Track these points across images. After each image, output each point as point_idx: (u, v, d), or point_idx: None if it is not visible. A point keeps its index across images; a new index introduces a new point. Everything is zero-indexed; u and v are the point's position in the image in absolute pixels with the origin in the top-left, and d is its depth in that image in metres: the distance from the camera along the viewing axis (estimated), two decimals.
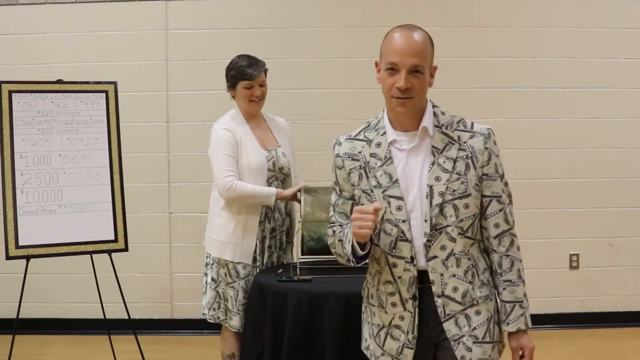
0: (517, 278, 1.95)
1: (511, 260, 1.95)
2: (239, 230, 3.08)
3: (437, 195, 1.88)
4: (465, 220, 1.91)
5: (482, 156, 1.91)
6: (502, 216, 1.94)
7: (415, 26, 1.96)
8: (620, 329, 4.67)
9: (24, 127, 3.46)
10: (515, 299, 1.95)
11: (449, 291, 1.92)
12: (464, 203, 1.89)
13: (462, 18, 4.64)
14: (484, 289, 1.95)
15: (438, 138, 1.92)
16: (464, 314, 1.93)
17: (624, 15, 4.69)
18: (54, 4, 4.65)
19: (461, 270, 1.92)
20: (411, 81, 1.87)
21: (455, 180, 1.89)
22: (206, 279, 3.21)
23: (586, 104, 4.71)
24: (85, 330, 4.65)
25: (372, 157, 1.96)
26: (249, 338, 2.84)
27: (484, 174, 1.92)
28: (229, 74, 3.17)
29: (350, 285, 2.66)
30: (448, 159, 1.90)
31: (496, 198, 1.93)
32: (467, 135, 1.92)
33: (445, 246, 1.90)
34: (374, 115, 2.12)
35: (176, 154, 4.72)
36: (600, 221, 4.74)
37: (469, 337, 1.93)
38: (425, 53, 1.89)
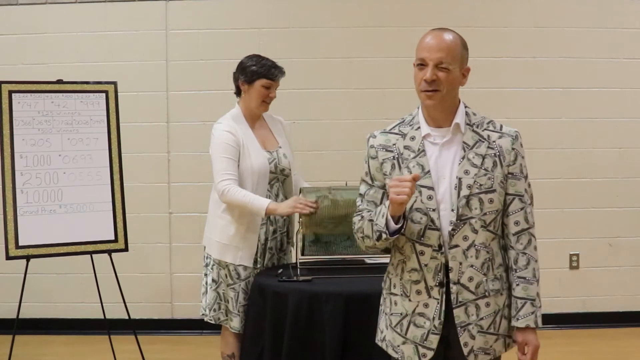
0: (531, 276, 2.03)
1: (527, 259, 2.03)
2: (240, 233, 3.06)
3: (465, 187, 1.99)
4: (488, 214, 2.01)
5: (509, 156, 2.03)
6: (523, 215, 2.04)
7: (448, 29, 2.07)
8: (620, 329, 4.67)
9: (24, 127, 3.46)
10: (527, 296, 2.02)
11: (465, 280, 2.01)
12: (489, 198, 2.00)
13: (462, 18, 4.63)
14: (496, 283, 2.04)
15: (469, 135, 2.04)
16: (474, 303, 2.02)
17: (624, 15, 4.69)
18: (54, 4, 4.65)
19: (479, 262, 2.01)
20: (437, 74, 1.99)
21: (483, 175, 2.00)
22: (206, 279, 3.20)
23: (586, 104, 4.72)
24: (85, 330, 4.65)
25: (405, 149, 2.07)
26: (249, 338, 2.84)
27: (510, 173, 2.03)
28: (248, 68, 3.11)
29: (350, 285, 2.66)
30: (477, 155, 2.01)
31: (519, 197, 2.04)
32: (496, 135, 2.05)
33: (468, 237, 2.00)
34: (373, 115, 2.16)
35: (176, 154, 4.72)
36: (600, 221, 4.74)
37: (474, 326, 2.02)
38: (453, 51, 2.01)
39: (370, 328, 2.52)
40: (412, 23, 4.66)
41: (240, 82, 3.15)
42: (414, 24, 4.66)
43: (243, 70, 3.13)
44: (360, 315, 2.53)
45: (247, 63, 3.14)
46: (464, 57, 2.05)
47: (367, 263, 3.09)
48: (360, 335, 2.52)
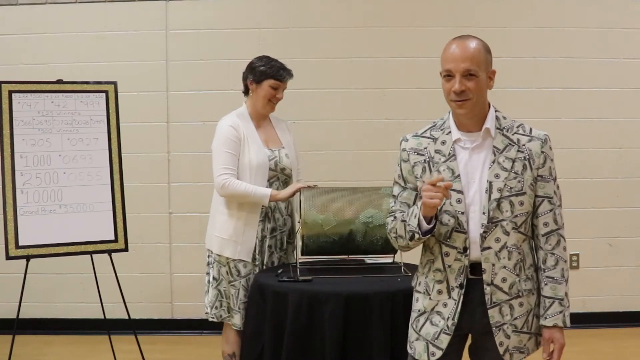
0: (560, 276, 2.08)
1: (556, 259, 2.09)
2: (239, 227, 3.09)
3: (495, 191, 2.05)
4: (519, 217, 2.06)
5: (539, 159, 2.08)
6: (552, 216, 2.10)
7: (470, 36, 2.11)
8: (620, 329, 4.67)
9: (24, 127, 3.46)
10: (555, 296, 2.07)
11: (498, 281, 2.07)
12: (519, 200, 2.06)
13: (462, 18, 4.63)
14: (528, 282, 2.10)
15: (499, 139, 2.09)
16: (508, 303, 2.08)
17: (624, 15, 4.69)
18: (54, 4, 4.65)
19: (511, 263, 2.07)
20: (466, 84, 2.03)
21: (513, 178, 2.05)
22: (208, 277, 3.21)
23: (586, 104, 4.72)
24: (85, 330, 4.65)
25: (436, 153, 2.13)
26: (249, 338, 2.84)
27: (539, 176, 2.09)
28: (257, 69, 3.14)
29: (351, 285, 2.66)
30: (507, 159, 2.07)
31: (548, 199, 2.10)
32: (525, 138, 2.10)
33: (500, 239, 2.06)
34: (373, 115, 2.17)
35: (176, 154, 4.72)
36: (600, 221, 4.74)
37: (509, 326, 2.08)
38: (478, 58, 2.05)
39: (370, 328, 2.52)
40: (412, 23, 4.66)
41: (248, 82, 3.18)
42: (414, 24, 4.67)
43: (252, 70, 3.17)
44: (360, 315, 2.53)
45: (257, 63, 3.17)
46: (488, 61, 2.10)
47: (367, 263, 3.09)
48: (360, 336, 2.52)
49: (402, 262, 2.95)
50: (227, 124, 3.12)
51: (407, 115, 4.58)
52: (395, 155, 2.26)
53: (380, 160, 4.45)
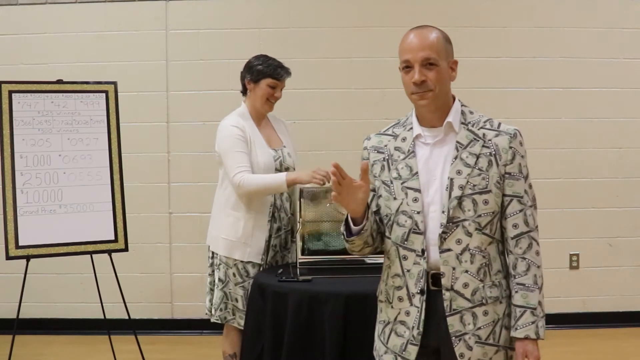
0: (532, 283, 1.89)
1: (527, 264, 1.90)
2: (248, 229, 3.07)
3: (456, 188, 1.89)
4: (483, 217, 1.90)
5: (506, 155, 1.92)
6: (522, 217, 1.92)
7: (428, 25, 1.99)
8: (620, 329, 4.67)
9: (24, 127, 3.46)
10: (526, 304, 1.88)
11: (459, 286, 1.90)
12: (484, 199, 1.90)
13: (462, 18, 4.63)
14: (494, 290, 1.92)
15: (463, 134, 1.94)
16: (471, 311, 1.90)
17: (624, 15, 4.69)
18: (54, 4, 4.65)
19: (474, 267, 1.90)
20: (425, 74, 1.90)
21: (477, 175, 1.90)
22: (211, 279, 3.19)
23: (586, 104, 4.72)
24: (85, 330, 4.65)
25: (396, 150, 2.00)
26: (249, 338, 2.83)
27: (507, 173, 1.92)
28: (254, 68, 3.13)
29: (351, 285, 2.66)
30: (471, 155, 1.91)
31: (517, 198, 1.92)
32: (492, 133, 1.94)
33: (461, 240, 1.89)
34: (373, 115, 2.13)
35: (176, 154, 4.72)
36: (600, 221, 4.74)
37: (471, 336, 1.90)
38: (437, 46, 1.92)
39: (370, 328, 2.52)
40: (412, 23, 4.60)
41: (246, 81, 3.16)
42: (414, 24, 4.62)
43: (250, 69, 3.15)
44: (360, 315, 2.52)
45: (254, 62, 3.16)
46: (449, 50, 1.96)
47: (367, 263, 3.09)
48: (360, 336, 2.52)
49: None
50: (231, 124, 3.09)
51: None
52: None
53: None
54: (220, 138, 3.10)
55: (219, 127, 3.14)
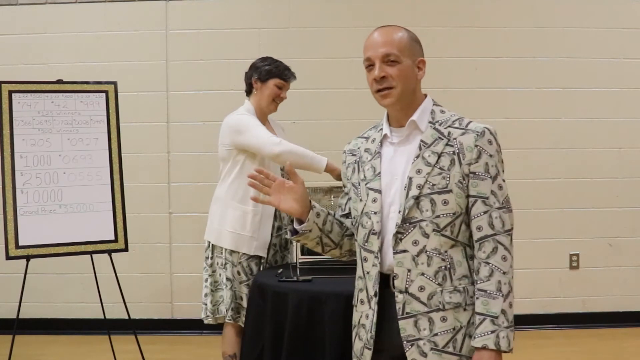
0: (494, 290, 1.76)
1: (490, 269, 1.78)
2: (255, 222, 3.09)
3: (414, 187, 1.82)
4: (442, 217, 1.81)
5: (471, 153, 1.81)
6: (486, 219, 1.80)
7: (393, 25, 1.94)
8: (620, 329, 4.67)
9: (24, 127, 3.46)
10: (487, 312, 1.75)
11: (414, 289, 1.81)
12: (443, 199, 1.81)
13: (462, 18, 4.64)
14: (455, 295, 1.81)
15: (429, 133, 1.87)
16: (427, 316, 1.81)
17: (624, 15, 4.69)
18: (54, 4, 4.65)
19: (431, 270, 1.81)
20: (386, 70, 1.85)
21: (437, 174, 1.82)
22: (212, 279, 3.17)
23: (586, 104, 4.72)
24: (85, 330, 4.65)
25: (365, 151, 1.98)
26: (249, 338, 2.83)
27: (471, 172, 1.81)
28: (263, 68, 3.16)
29: (351, 285, 2.65)
30: (433, 153, 1.84)
31: (482, 199, 1.81)
32: (458, 132, 1.85)
33: (418, 241, 1.81)
34: (373, 115, 2.11)
35: (176, 154, 4.72)
36: (600, 221, 4.74)
37: (426, 342, 1.80)
38: (399, 43, 1.86)
39: None
40: (413, 23, 4.63)
41: (253, 80, 3.19)
42: (414, 24, 4.64)
43: (257, 69, 3.18)
44: None
45: (262, 63, 3.19)
46: (414, 48, 1.89)
47: None
48: None
49: None
50: (244, 114, 3.12)
51: None
52: None
53: None
54: (234, 124, 3.08)
55: (229, 120, 3.13)
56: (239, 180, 3.10)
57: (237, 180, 3.11)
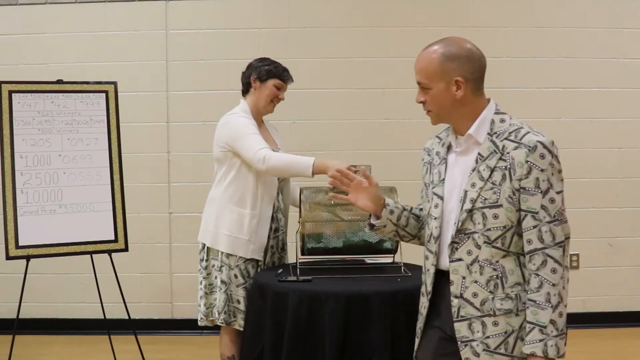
0: (543, 301, 1.84)
1: (540, 281, 1.85)
2: (252, 226, 3.05)
3: (468, 201, 1.92)
4: (493, 230, 1.90)
5: (521, 169, 1.87)
6: (536, 233, 1.86)
7: (434, 44, 1.99)
8: (620, 329, 4.67)
9: (24, 127, 3.46)
10: (536, 322, 1.85)
11: (468, 295, 1.93)
12: (494, 213, 1.89)
13: (462, 18, 4.63)
14: (507, 302, 1.91)
15: (486, 146, 1.94)
16: (480, 320, 1.92)
17: (624, 15, 4.69)
18: (54, 4, 4.65)
19: (483, 279, 1.91)
20: (422, 96, 2.00)
21: (489, 189, 1.90)
22: (206, 282, 3.15)
23: (586, 104, 4.72)
24: (85, 330, 4.65)
25: (436, 155, 2.09)
26: (249, 338, 2.83)
27: (521, 187, 1.87)
28: (262, 67, 3.14)
29: (351, 285, 2.66)
30: (487, 167, 1.91)
31: (531, 214, 1.87)
32: (512, 145, 1.91)
33: (471, 251, 1.92)
34: (373, 115, 2.13)
35: (176, 154, 4.72)
36: (600, 221, 4.74)
37: (479, 343, 1.92)
38: (427, 69, 1.96)
39: (370, 328, 2.52)
40: (412, 23, 4.66)
41: (252, 79, 3.16)
42: (414, 24, 4.67)
43: (256, 68, 3.16)
44: (360, 315, 2.53)
45: (261, 63, 3.17)
46: (445, 70, 1.94)
47: (367, 263, 3.09)
48: (360, 336, 2.52)
49: (402, 262, 2.95)
50: (240, 115, 3.09)
51: (407, 115, 4.58)
52: (395, 155, 2.29)
53: (380, 160, 4.45)
54: (230, 127, 3.06)
55: (224, 121, 3.11)
56: (236, 183, 3.07)
57: (234, 182, 3.08)
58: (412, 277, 2.77)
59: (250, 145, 2.97)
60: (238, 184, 3.07)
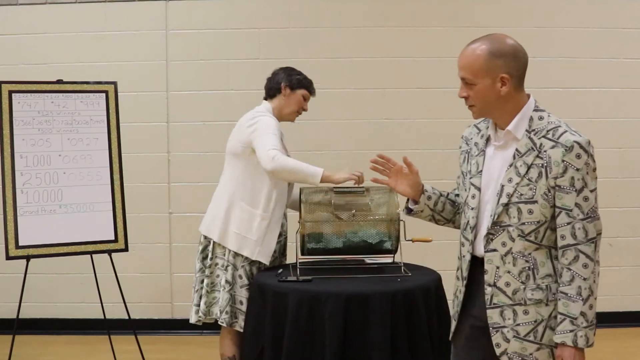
0: (575, 294, 1.93)
1: (572, 275, 1.93)
2: (262, 228, 3.04)
3: (504, 195, 1.99)
4: (527, 225, 1.97)
5: (557, 168, 1.94)
6: (569, 230, 1.94)
7: (484, 37, 2.04)
8: (620, 329, 4.67)
9: (24, 127, 3.46)
10: (567, 313, 1.94)
11: (501, 284, 2.01)
12: (528, 208, 1.97)
13: (462, 18, 4.63)
14: (537, 292, 1.99)
15: (524, 142, 2.00)
16: (512, 308, 2.01)
17: (624, 15, 4.69)
18: (54, 4, 4.65)
19: (516, 270, 2.00)
20: (466, 91, 2.03)
21: (525, 185, 1.97)
22: (209, 280, 3.11)
23: (586, 104, 4.71)
24: (85, 330, 4.65)
25: (475, 145, 2.15)
26: (249, 338, 2.84)
27: (557, 185, 1.94)
28: (294, 76, 3.22)
29: (350, 285, 2.66)
30: (524, 164, 1.98)
31: (565, 211, 1.94)
32: (549, 144, 1.97)
33: (506, 243, 2.00)
34: (373, 115, 2.13)
35: (176, 154, 4.72)
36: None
37: (510, 330, 2.01)
38: (473, 65, 1.99)
39: (370, 328, 2.52)
40: (412, 23, 4.66)
41: (282, 85, 3.20)
42: (414, 24, 4.67)
43: (289, 75, 3.22)
44: (360, 315, 2.53)
45: (292, 72, 3.24)
46: (493, 66, 1.99)
47: (367, 263, 3.09)
48: (360, 336, 2.52)
49: (402, 262, 2.95)
50: (269, 116, 3.12)
51: (407, 115, 4.58)
52: (395, 155, 2.31)
53: None
54: (256, 125, 3.05)
55: (250, 116, 3.11)
56: (250, 182, 3.06)
57: (248, 181, 3.07)
58: (412, 277, 2.78)
59: (265, 142, 2.98)
60: (253, 183, 3.06)
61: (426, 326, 2.60)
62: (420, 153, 4.36)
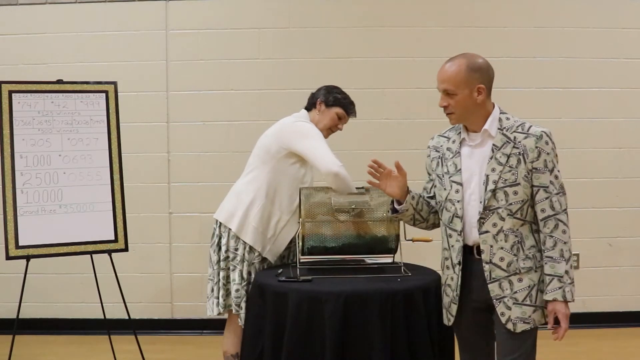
0: (558, 256, 2.30)
1: (554, 241, 2.31)
2: (279, 227, 3.06)
3: (491, 183, 2.34)
4: (514, 204, 2.33)
5: (532, 153, 2.33)
6: (548, 203, 2.33)
7: (458, 57, 2.39)
8: (620, 329, 4.67)
9: (24, 127, 3.46)
10: (554, 273, 2.29)
11: (496, 260, 2.34)
12: (514, 190, 2.33)
13: (462, 18, 4.64)
14: (527, 261, 2.34)
15: (499, 138, 2.37)
16: (507, 279, 2.34)
17: (624, 15, 4.69)
18: (54, 4, 4.65)
19: (508, 245, 2.34)
20: (446, 100, 2.38)
21: (507, 171, 2.33)
22: (224, 274, 3.09)
23: (586, 104, 4.72)
24: (85, 330, 4.65)
25: (447, 150, 2.49)
26: (249, 338, 2.84)
27: (534, 168, 2.33)
28: (333, 94, 3.23)
29: (351, 285, 2.66)
30: (503, 155, 2.35)
31: (543, 188, 2.33)
32: (522, 136, 2.36)
33: (496, 224, 2.34)
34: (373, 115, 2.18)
35: (176, 154, 4.72)
36: (600, 221, 4.74)
37: (509, 299, 2.33)
38: (455, 79, 2.35)
39: (370, 328, 2.52)
40: (412, 23, 4.66)
41: (318, 101, 3.22)
42: (413, 24, 4.67)
43: (328, 92, 3.24)
44: (360, 315, 2.53)
45: (335, 89, 3.26)
46: (470, 79, 2.34)
47: (367, 263, 3.09)
48: (360, 335, 2.52)
49: (402, 262, 2.95)
50: (311, 124, 3.12)
51: (406, 115, 4.58)
52: (395, 155, 2.39)
53: (380, 160, 4.45)
54: (302, 131, 3.05)
55: (291, 121, 3.13)
56: (276, 182, 3.06)
57: (274, 181, 3.06)
58: (412, 277, 2.78)
59: (325, 155, 2.96)
60: (279, 184, 3.06)
61: (426, 326, 2.60)
62: (420, 153, 4.34)
